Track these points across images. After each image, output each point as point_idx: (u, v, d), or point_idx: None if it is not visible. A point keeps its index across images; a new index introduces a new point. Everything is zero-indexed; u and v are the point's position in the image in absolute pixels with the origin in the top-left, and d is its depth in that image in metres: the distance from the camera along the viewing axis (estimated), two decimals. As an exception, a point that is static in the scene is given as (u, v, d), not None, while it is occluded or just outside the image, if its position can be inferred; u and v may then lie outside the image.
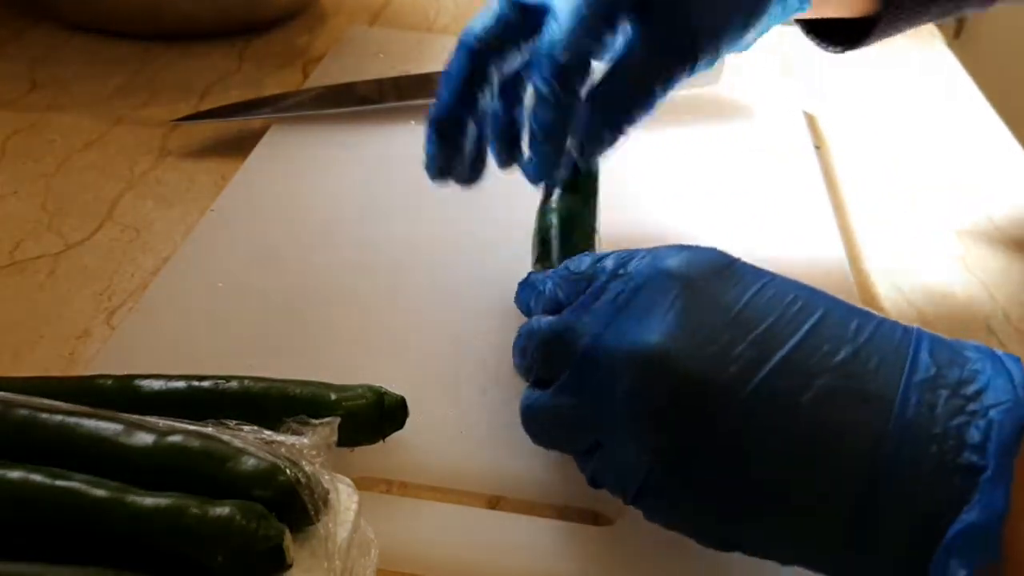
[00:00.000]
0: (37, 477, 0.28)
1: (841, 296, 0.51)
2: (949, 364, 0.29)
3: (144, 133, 0.60)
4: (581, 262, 0.35)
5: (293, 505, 0.28)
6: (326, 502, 0.29)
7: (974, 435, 0.27)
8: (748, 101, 0.71)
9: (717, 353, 0.29)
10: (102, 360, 0.41)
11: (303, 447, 0.31)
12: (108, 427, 0.29)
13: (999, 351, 0.30)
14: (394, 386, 0.37)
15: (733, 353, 0.29)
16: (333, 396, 0.35)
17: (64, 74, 0.67)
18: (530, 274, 0.39)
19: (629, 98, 0.43)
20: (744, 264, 0.32)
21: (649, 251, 0.33)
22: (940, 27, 0.97)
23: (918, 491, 0.27)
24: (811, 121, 0.71)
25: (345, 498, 0.31)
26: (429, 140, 0.44)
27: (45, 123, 0.61)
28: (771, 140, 0.66)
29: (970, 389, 0.28)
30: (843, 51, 0.54)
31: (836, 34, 0.53)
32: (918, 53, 0.87)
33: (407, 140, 0.61)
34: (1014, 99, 0.88)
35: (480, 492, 0.37)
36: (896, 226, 0.59)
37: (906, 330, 0.30)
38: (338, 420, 0.33)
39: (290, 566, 0.27)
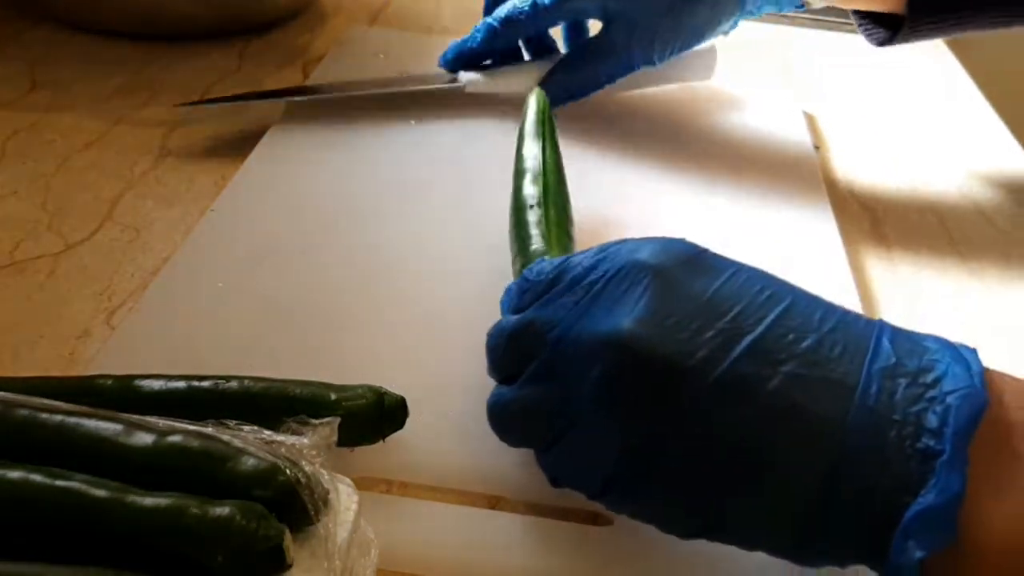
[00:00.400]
0: (37, 477, 0.28)
1: (841, 296, 0.51)
2: (909, 353, 0.29)
3: (144, 133, 0.60)
4: (541, 269, 0.35)
5: (293, 505, 0.28)
6: (326, 502, 0.29)
7: (932, 420, 0.28)
8: (748, 101, 0.71)
9: (686, 339, 0.29)
10: (102, 360, 0.41)
11: (303, 447, 0.31)
12: (108, 427, 0.29)
13: (957, 342, 0.30)
14: (394, 386, 0.37)
15: (702, 339, 0.29)
16: (333, 396, 0.35)
17: (64, 74, 0.67)
18: (508, 287, 0.39)
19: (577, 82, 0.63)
20: (714, 253, 0.33)
21: (616, 243, 0.34)
22: (940, 27, 0.97)
23: (878, 476, 0.28)
24: (811, 121, 0.71)
25: (345, 498, 0.31)
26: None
27: (45, 123, 0.61)
28: (771, 140, 0.66)
29: (929, 377, 0.29)
30: (883, 44, 0.58)
31: (880, 24, 0.58)
32: (918, 53, 0.87)
33: (407, 140, 0.61)
34: (1014, 99, 0.88)
35: (480, 492, 0.37)
36: (895, 226, 0.59)
37: (868, 321, 0.31)
38: (338, 420, 0.33)
39: (290, 566, 0.27)
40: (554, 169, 0.49)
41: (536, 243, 0.44)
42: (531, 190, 0.47)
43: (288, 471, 0.28)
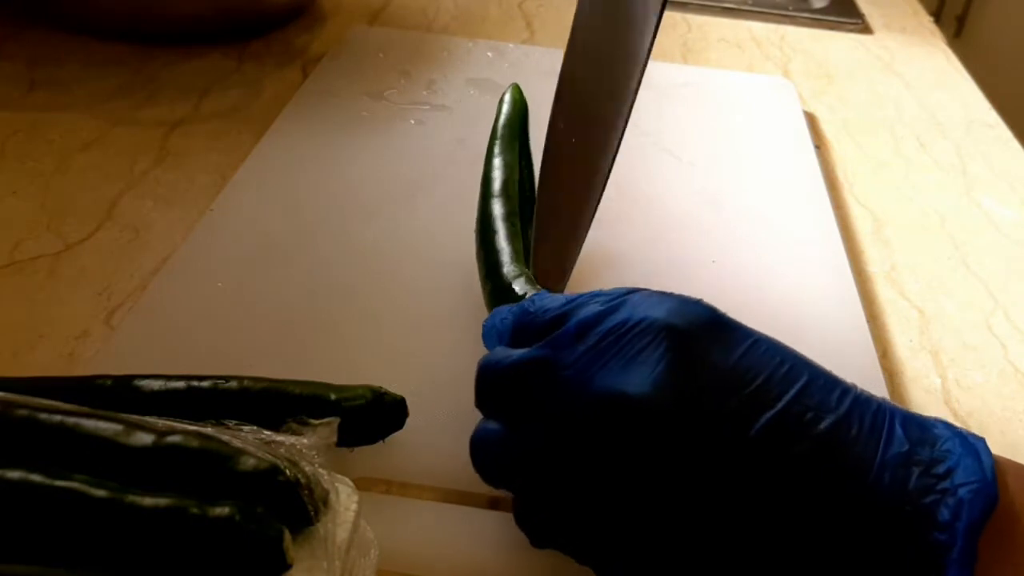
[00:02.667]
0: (37, 477, 0.27)
1: (843, 297, 0.52)
2: (921, 442, 0.29)
3: (144, 133, 0.60)
4: (543, 304, 0.33)
5: (293, 505, 0.28)
6: (326, 502, 0.29)
7: (944, 514, 0.27)
8: (748, 100, 0.71)
9: (705, 410, 0.28)
10: (102, 360, 0.41)
11: (303, 447, 0.31)
12: (108, 427, 0.29)
13: (963, 429, 0.30)
14: (394, 386, 0.37)
15: (721, 411, 0.28)
16: (333, 396, 0.35)
17: (63, 74, 0.67)
18: (494, 311, 0.37)
19: None
20: (731, 320, 0.31)
21: (630, 292, 0.32)
22: (940, 27, 0.97)
23: (888, 569, 0.27)
24: (811, 121, 0.71)
25: (345, 498, 0.31)
26: None
27: (45, 123, 0.61)
28: (771, 140, 0.66)
29: (941, 467, 0.28)
30: None
31: None
32: (918, 53, 0.87)
33: (407, 139, 0.61)
34: (1014, 99, 0.88)
35: (480, 492, 0.37)
36: (896, 226, 0.59)
37: (880, 404, 0.30)
38: (338, 420, 0.33)
39: (290, 566, 0.27)
40: (528, 180, 0.47)
41: (508, 265, 0.42)
42: (501, 204, 0.45)
43: (288, 471, 0.28)
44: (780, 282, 0.51)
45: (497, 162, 0.48)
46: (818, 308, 0.49)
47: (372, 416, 0.36)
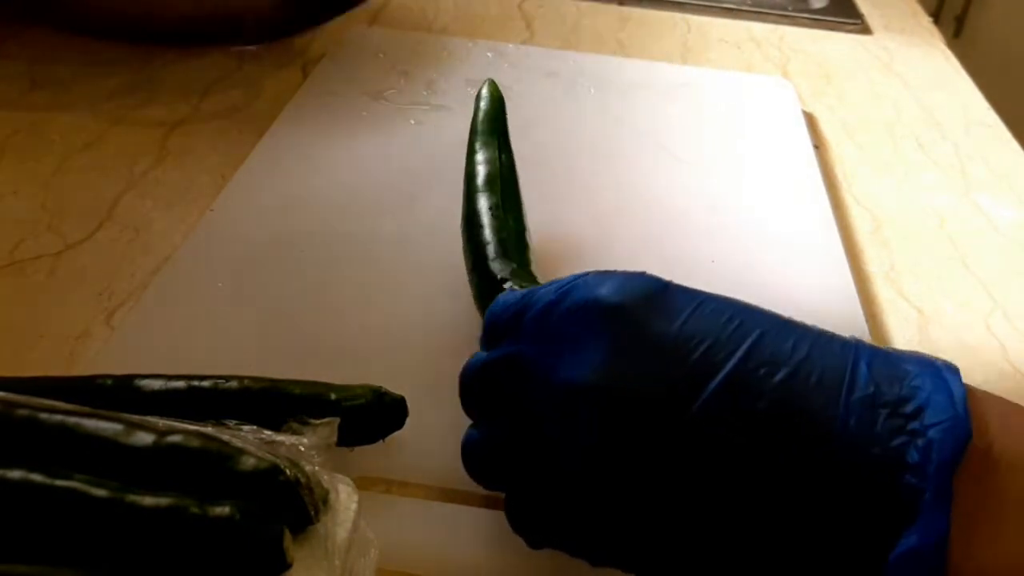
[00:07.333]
0: (37, 477, 0.28)
1: (842, 297, 0.52)
2: (889, 380, 0.28)
3: (144, 133, 0.60)
4: (506, 301, 0.34)
5: (293, 505, 0.28)
6: (326, 502, 0.29)
7: (913, 455, 0.26)
8: (748, 100, 0.71)
9: (652, 382, 0.28)
10: (102, 360, 0.41)
11: (303, 447, 0.31)
12: (108, 427, 0.29)
13: (939, 361, 0.29)
14: (394, 386, 0.37)
15: (668, 381, 0.28)
16: (333, 396, 0.35)
17: (64, 74, 0.67)
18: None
19: None
20: (679, 286, 0.31)
21: (577, 278, 0.32)
22: (939, 27, 0.97)
23: (860, 517, 0.26)
24: (810, 121, 0.71)
25: (345, 498, 0.31)
26: None
27: (45, 123, 0.61)
28: (771, 140, 0.66)
29: (909, 407, 0.27)
30: None
31: None
32: (917, 53, 0.87)
33: (407, 139, 0.61)
34: (1014, 99, 0.88)
35: (480, 492, 0.37)
36: (895, 226, 0.59)
37: (844, 344, 0.29)
38: (338, 420, 0.33)
39: (290, 566, 0.27)
40: (510, 173, 0.48)
41: (495, 256, 0.42)
42: (488, 197, 0.46)
43: (288, 471, 0.28)
44: (779, 282, 0.51)
45: (480, 156, 0.48)
46: (817, 308, 0.49)
47: (372, 416, 0.36)
